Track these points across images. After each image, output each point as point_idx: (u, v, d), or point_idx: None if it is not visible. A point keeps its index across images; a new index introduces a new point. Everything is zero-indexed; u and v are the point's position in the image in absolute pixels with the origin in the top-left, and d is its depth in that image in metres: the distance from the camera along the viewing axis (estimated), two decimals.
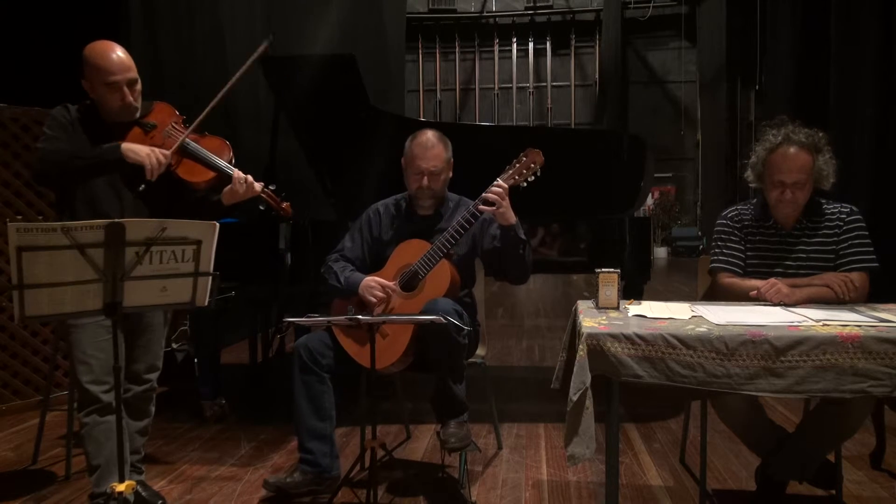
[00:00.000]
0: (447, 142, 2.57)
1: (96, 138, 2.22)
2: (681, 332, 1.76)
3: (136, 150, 2.17)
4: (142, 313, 2.28)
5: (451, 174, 2.60)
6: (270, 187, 2.46)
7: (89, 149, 2.18)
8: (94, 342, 2.16)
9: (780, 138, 2.21)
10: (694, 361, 1.74)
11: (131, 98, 2.23)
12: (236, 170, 2.32)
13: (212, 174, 2.30)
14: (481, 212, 2.38)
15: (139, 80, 2.26)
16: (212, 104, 2.36)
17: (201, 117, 2.34)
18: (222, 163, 2.32)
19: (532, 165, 2.37)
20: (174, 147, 2.25)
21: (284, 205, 2.44)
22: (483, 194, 2.37)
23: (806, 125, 2.24)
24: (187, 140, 2.29)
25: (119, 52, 2.21)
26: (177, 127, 2.33)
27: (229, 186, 2.31)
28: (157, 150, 2.19)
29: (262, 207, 2.52)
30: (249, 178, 2.32)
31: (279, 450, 2.93)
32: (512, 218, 2.39)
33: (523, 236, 2.45)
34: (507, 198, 2.36)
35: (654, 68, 16.72)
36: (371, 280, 2.46)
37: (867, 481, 2.53)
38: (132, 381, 2.31)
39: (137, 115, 2.28)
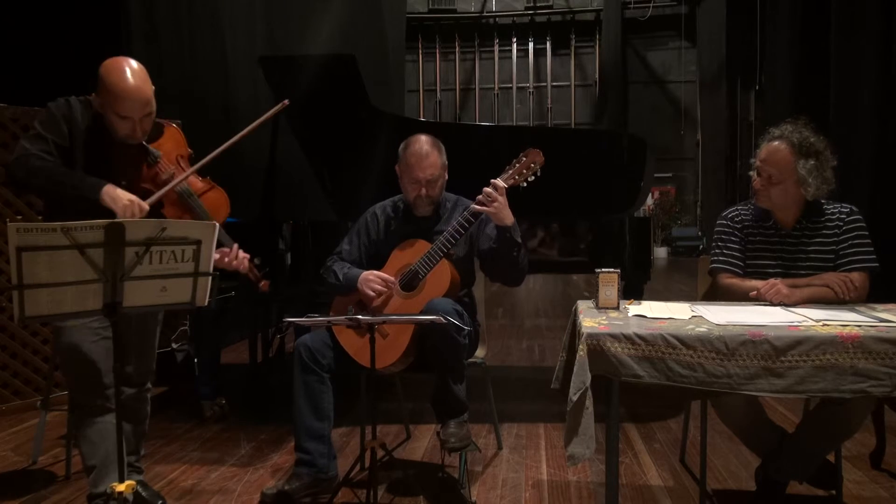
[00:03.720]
0: (441, 146, 2.55)
1: (99, 149, 2.11)
2: (681, 332, 1.76)
3: (116, 198, 1.99)
4: (136, 316, 2.25)
5: (447, 177, 2.59)
6: (255, 261, 2.37)
7: (73, 175, 2.03)
8: (86, 344, 2.14)
9: (777, 133, 2.23)
10: (694, 361, 1.74)
11: (140, 133, 2.10)
12: (234, 244, 2.23)
13: None
14: (479, 212, 2.37)
15: (154, 110, 2.11)
16: (219, 149, 2.23)
17: (206, 161, 2.20)
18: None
19: (532, 165, 2.36)
20: (159, 195, 2.11)
21: (262, 283, 2.36)
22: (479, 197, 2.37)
23: (814, 130, 2.23)
24: (187, 187, 2.18)
25: (139, 82, 2.04)
26: (182, 164, 2.21)
27: (217, 254, 2.10)
28: (136, 201, 2.01)
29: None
30: (241, 253, 2.23)
31: (279, 450, 2.93)
32: (508, 218, 2.36)
33: (519, 239, 2.42)
34: (501, 197, 2.33)
35: (654, 68, 16.71)
36: (370, 273, 2.45)
37: (867, 481, 2.53)
38: (125, 384, 2.28)
39: (144, 139, 2.15)
